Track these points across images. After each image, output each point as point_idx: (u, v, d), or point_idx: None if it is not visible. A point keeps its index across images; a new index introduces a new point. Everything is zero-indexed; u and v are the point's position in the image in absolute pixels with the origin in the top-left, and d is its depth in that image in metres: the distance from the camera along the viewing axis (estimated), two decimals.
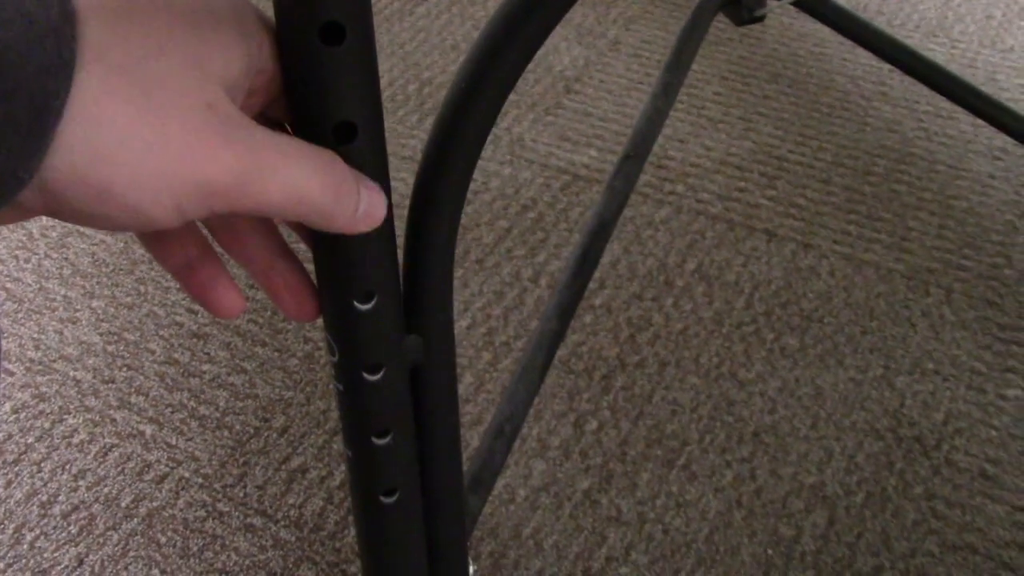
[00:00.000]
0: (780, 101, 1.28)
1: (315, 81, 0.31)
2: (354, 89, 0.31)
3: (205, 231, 0.35)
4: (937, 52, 1.35)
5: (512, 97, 1.30)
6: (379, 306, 0.36)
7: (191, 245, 0.34)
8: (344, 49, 0.30)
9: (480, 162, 1.21)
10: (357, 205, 0.32)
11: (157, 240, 0.34)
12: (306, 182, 0.30)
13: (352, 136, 0.31)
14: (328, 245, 0.35)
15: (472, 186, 1.17)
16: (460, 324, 1.01)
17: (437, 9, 1.47)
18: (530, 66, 1.34)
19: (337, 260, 0.35)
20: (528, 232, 1.11)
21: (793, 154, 1.20)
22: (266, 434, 0.92)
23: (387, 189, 0.34)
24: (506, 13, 0.34)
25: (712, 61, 1.35)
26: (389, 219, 0.35)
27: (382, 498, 0.43)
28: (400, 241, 0.38)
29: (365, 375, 0.38)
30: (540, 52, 1.37)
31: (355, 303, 0.36)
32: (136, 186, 0.27)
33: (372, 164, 0.33)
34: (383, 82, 1.33)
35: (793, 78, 1.32)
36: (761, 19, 0.83)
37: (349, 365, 0.38)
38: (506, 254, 1.08)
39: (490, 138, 1.24)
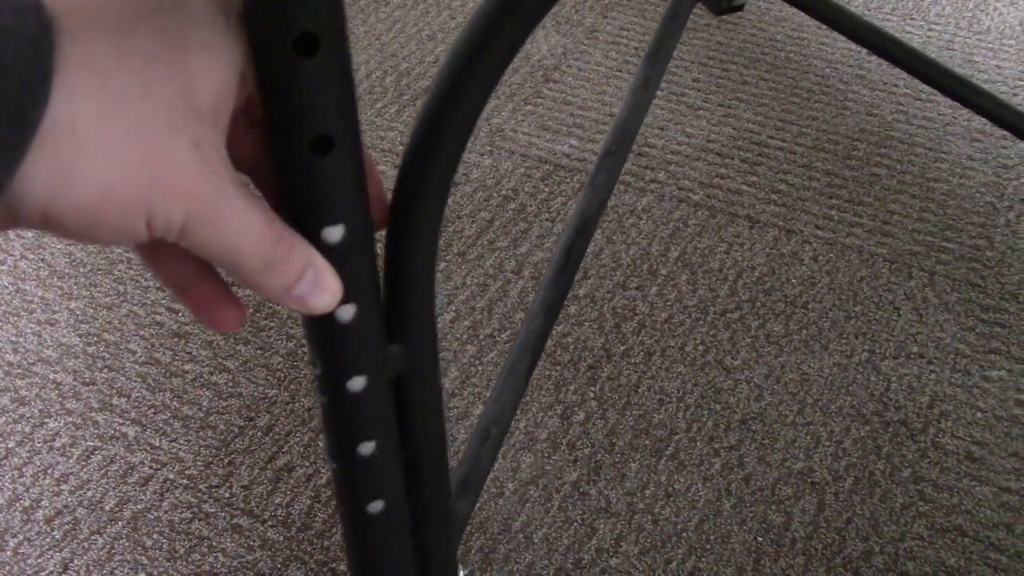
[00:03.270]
0: (759, 87, 1.28)
1: (290, 93, 0.30)
2: (330, 101, 0.31)
3: None
4: (914, 35, 1.35)
5: None
6: (360, 317, 0.36)
7: (188, 259, 0.34)
8: (319, 60, 0.30)
9: None
10: (291, 287, 0.32)
11: (153, 256, 0.34)
12: (242, 249, 0.30)
13: (329, 149, 0.31)
14: None
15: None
16: (444, 318, 1.00)
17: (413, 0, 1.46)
18: None
19: None
20: (510, 223, 1.10)
21: (773, 139, 1.20)
22: (251, 433, 0.91)
23: (364, 204, 0.34)
24: (488, 10, 0.33)
25: (691, 48, 1.34)
26: (368, 226, 0.35)
27: (369, 508, 0.42)
28: (381, 245, 0.38)
29: (348, 387, 0.38)
30: None
31: (335, 315, 0.36)
32: (110, 204, 0.26)
33: (349, 176, 0.33)
34: (360, 74, 1.32)
35: (772, 63, 1.31)
36: (740, 8, 0.83)
37: (331, 378, 0.38)
38: (488, 246, 1.08)
39: None
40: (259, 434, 0.91)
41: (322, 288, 0.33)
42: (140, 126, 0.26)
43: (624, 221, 1.10)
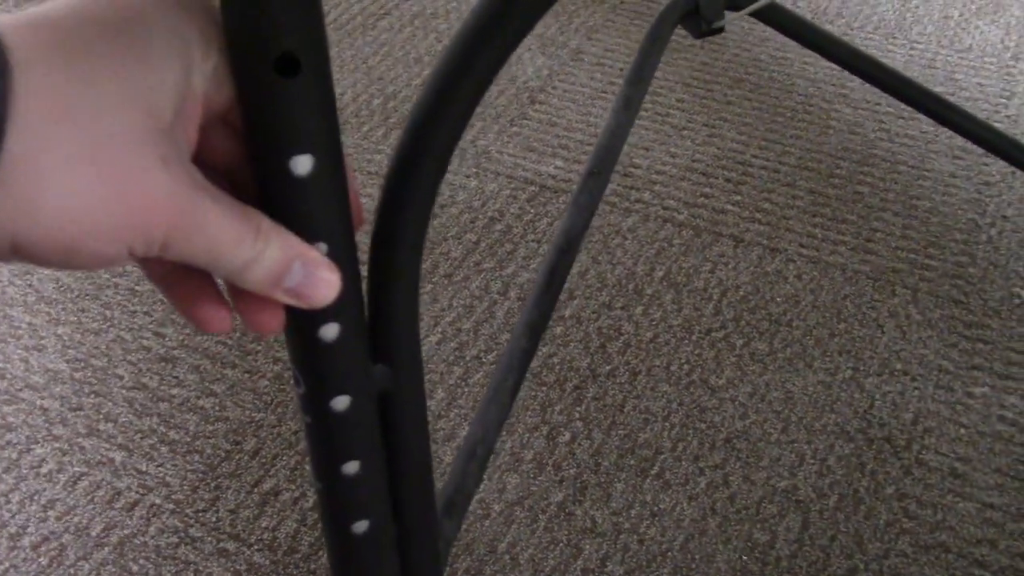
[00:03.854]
0: (743, 106, 1.29)
1: (271, 114, 0.30)
2: (311, 121, 0.31)
3: None
4: (896, 53, 1.37)
5: (477, 109, 1.30)
6: (343, 337, 0.36)
7: (169, 262, 0.34)
8: (300, 81, 0.30)
9: (446, 175, 1.20)
10: (280, 280, 0.32)
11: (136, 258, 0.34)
12: (223, 252, 0.30)
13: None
14: None
15: (439, 199, 1.17)
16: (430, 340, 1.01)
17: (400, 22, 1.47)
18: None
19: None
20: (496, 244, 1.11)
21: (757, 159, 1.21)
22: (237, 457, 0.91)
23: (348, 225, 0.34)
24: (467, 35, 0.33)
25: (675, 68, 1.35)
26: (352, 246, 0.35)
27: (354, 528, 0.42)
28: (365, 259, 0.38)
29: (332, 406, 0.38)
30: None
31: (318, 335, 0.36)
32: (83, 233, 0.26)
33: (330, 198, 0.33)
34: (347, 97, 1.33)
35: (755, 83, 1.32)
36: (719, 31, 0.84)
37: (315, 397, 0.38)
38: (475, 267, 1.08)
39: (456, 151, 1.24)
40: (246, 458, 0.91)
41: (316, 281, 0.32)
42: (106, 150, 0.26)
43: (610, 241, 1.11)
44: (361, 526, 0.42)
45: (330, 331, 0.36)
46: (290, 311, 0.35)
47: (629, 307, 1.03)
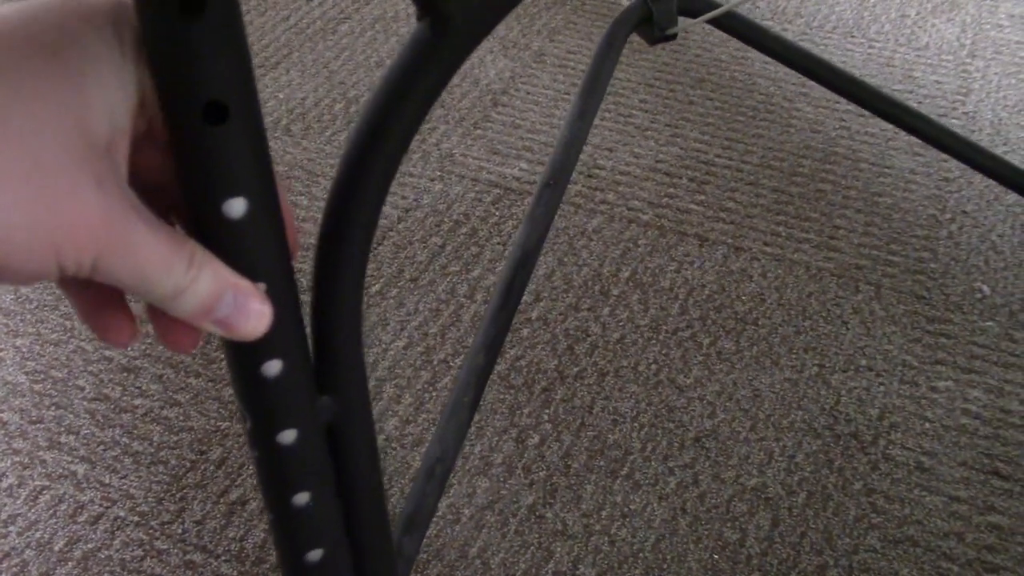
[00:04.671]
0: (705, 106, 1.29)
1: (202, 160, 0.30)
2: (242, 165, 0.31)
3: None
4: (855, 52, 1.38)
5: (440, 112, 1.30)
6: (287, 372, 0.36)
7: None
8: (229, 127, 0.30)
9: (411, 179, 1.20)
10: (211, 310, 0.31)
11: None
12: (154, 277, 0.29)
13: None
14: None
15: (403, 203, 1.16)
16: (397, 344, 1.00)
17: (361, 27, 1.46)
18: (456, 80, 1.34)
19: None
20: (462, 247, 1.11)
21: (720, 158, 1.21)
22: (203, 467, 0.90)
23: (286, 262, 0.34)
24: (403, 69, 0.33)
25: (637, 69, 1.36)
26: (291, 282, 0.35)
27: (308, 557, 0.42)
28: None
29: (278, 440, 0.38)
30: (466, 66, 1.37)
31: (261, 372, 0.35)
32: (15, 249, 0.26)
33: (267, 238, 0.33)
34: (308, 102, 1.32)
35: (717, 83, 1.33)
36: (673, 37, 0.84)
37: (262, 432, 0.38)
38: (440, 271, 1.08)
39: (419, 154, 1.23)
40: (211, 468, 0.90)
41: (247, 312, 0.32)
42: (40, 168, 0.26)
43: (575, 243, 1.11)
44: (315, 555, 0.42)
45: (273, 367, 0.36)
46: (232, 349, 0.35)
47: (596, 308, 1.03)
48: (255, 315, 0.32)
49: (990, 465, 0.88)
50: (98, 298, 0.33)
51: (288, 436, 0.38)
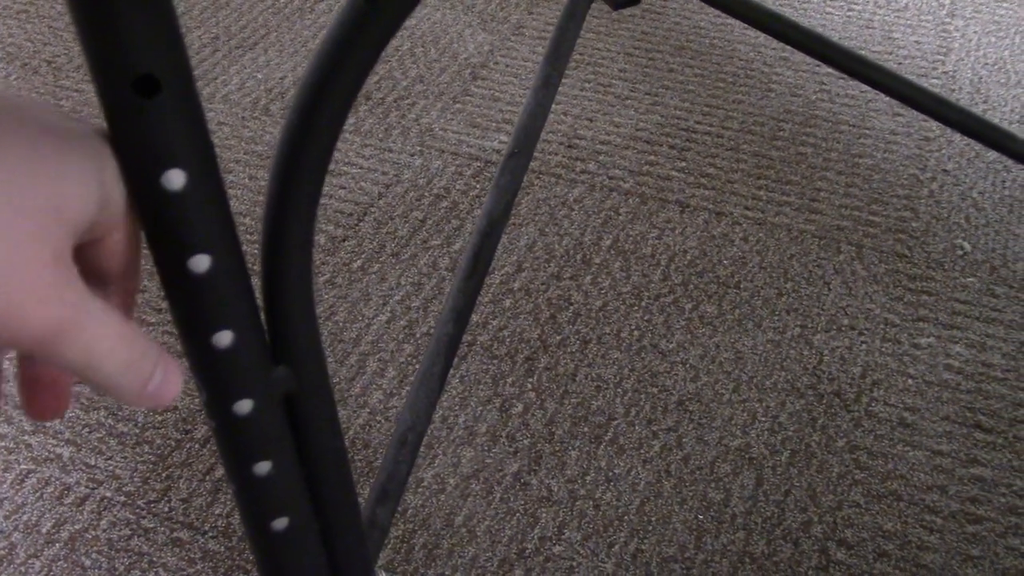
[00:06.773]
0: (685, 73, 1.29)
1: (136, 133, 0.30)
2: (178, 138, 0.31)
3: None
4: (835, 15, 1.37)
5: (419, 87, 1.29)
6: (238, 343, 0.36)
7: None
8: (161, 100, 0.30)
9: (390, 154, 1.20)
10: (146, 385, 0.32)
11: None
12: (102, 355, 0.30)
13: (183, 184, 0.31)
14: (179, 286, 0.34)
15: (384, 179, 1.16)
16: (380, 319, 1.00)
17: (338, 4, 1.45)
18: (435, 54, 1.33)
19: (190, 301, 0.35)
20: (443, 221, 1.10)
21: (701, 125, 1.21)
22: (188, 446, 0.90)
23: (231, 233, 0.34)
24: (337, 37, 0.33)
25: (616, 38, 1.35)
26: (238, 253, 0.35)
27: (273, 526, 0.42)
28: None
29: (234, 411, 0.38)
30: (445, 40, 1.37)
31: (212, 343, 0.35)
32: None
33: (209, 210, 0.33)
34: (287, 81, 1.31)
35: (697, 50, 1.33)
36: (636, 2, 0.84)
37: (217, 403, 0.38)
38: (422, 245, 1.08)
39: (399, 129, 1.23)
40: (196, 446, 0.90)
41: (172, 383, 0.33)
42: (4, 234, 0.26)
43: (556, 212, 1.10)
44: (281, 523, 0.42)
45: (224, 338, 0.36)
46: (182, 321, 0.35)
47: (578, 276, 1.03)
48: (176, 383, 0.33)
49: (972, 419, 0.88)
50: (34, 372, 0.34)
51: (244, 406, 0.38)
